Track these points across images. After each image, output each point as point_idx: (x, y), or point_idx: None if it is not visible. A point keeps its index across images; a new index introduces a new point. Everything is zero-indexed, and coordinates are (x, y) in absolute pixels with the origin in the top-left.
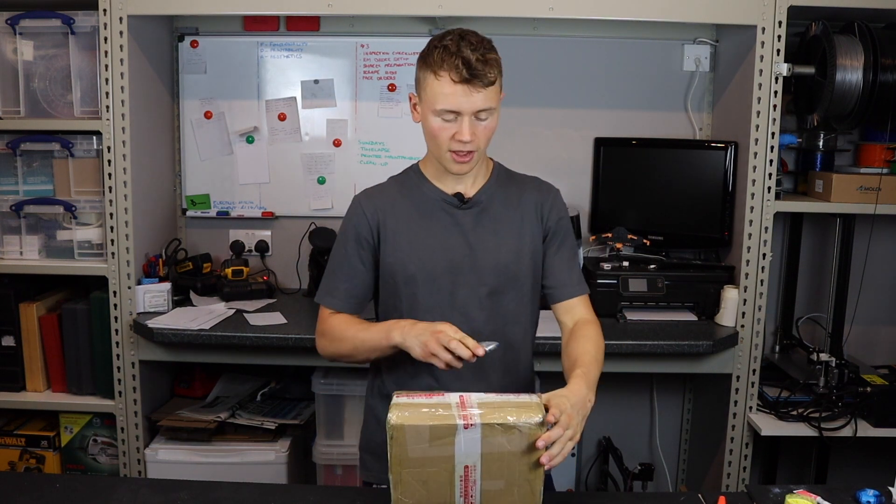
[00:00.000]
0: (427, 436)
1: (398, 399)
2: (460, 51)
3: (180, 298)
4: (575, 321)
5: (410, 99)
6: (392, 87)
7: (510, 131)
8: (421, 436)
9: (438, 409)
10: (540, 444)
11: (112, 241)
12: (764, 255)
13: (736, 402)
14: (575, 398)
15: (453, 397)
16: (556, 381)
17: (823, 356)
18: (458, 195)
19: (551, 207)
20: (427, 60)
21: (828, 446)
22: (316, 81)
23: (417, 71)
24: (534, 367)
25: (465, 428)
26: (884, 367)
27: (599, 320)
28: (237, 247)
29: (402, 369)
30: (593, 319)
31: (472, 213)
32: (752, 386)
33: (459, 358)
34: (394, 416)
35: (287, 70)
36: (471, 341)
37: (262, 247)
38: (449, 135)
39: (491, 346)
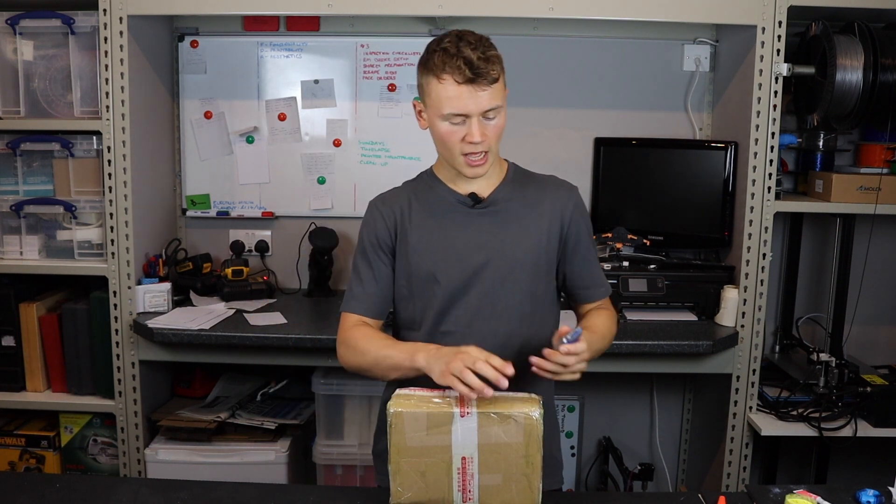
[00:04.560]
0: (424, 423)
1: (400, 391)
2: (460, 51)
3: (180, 298)
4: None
5: (415, 106)
6: (392, 87)
7: (510, 131)
8: (419, 423)
9: (437, 398)
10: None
11: (112, 241)
12: (764, 255)
13: (736, 402)
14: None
15: (453, 392)
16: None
17: (823, 356)
18: (473, 195)
19: (573, 209)
20: (428, 65)
21: (828, 446)
22: (316, 81)
23: (419, 77)
24: None
25: (462, 416)
26: (884, 367)
27: None
28: (237, 247)
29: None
30: (609, 308)
31: (488, 213)
32: (752, 386)
33: (488, 382)
34: (393, 404)
35: (287, 70)
36: (497, 360)
37: (262, 247)
38: (459, 138)
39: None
